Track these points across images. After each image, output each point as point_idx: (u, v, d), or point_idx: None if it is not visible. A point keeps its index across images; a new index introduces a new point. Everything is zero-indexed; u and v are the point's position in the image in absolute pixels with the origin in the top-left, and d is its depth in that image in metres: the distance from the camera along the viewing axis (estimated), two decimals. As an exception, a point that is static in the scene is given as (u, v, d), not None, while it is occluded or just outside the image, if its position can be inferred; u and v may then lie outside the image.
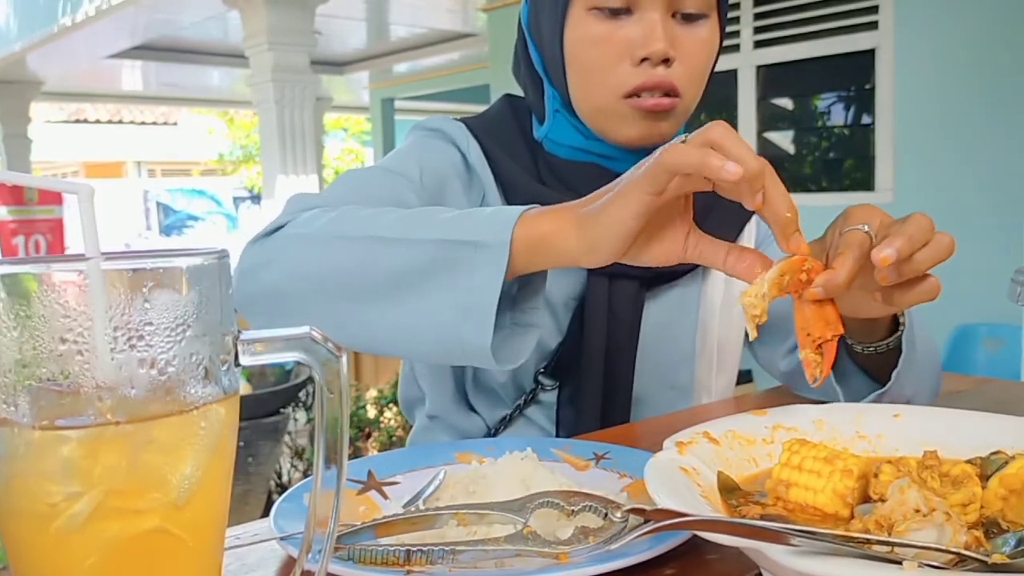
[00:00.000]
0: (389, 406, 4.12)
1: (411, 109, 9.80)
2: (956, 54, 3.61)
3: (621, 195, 0.63)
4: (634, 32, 0.87)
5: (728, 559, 0.56)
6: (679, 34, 0.88)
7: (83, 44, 6.93)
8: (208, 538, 0.40)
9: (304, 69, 5.33)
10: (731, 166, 0.58)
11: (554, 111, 0.97)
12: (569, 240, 0.66)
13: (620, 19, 0.88)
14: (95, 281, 0.35)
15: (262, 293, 0.78)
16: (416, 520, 0.57)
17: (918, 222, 0.65)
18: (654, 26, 0.86)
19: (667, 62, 0.87)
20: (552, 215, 0.68)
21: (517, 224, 0.67)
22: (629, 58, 0.88)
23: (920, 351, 0.84)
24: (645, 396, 1.00)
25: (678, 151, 0.60)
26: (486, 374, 0.99)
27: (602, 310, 0.95)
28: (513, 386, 0.99)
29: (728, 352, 1.04)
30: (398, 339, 0.73)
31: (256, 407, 3.24)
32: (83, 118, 15.38)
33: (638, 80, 0.87)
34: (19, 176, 0.40)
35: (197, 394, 0.37)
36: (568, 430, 0.97)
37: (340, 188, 0.89)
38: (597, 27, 0.88)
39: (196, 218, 15.53)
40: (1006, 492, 0.53)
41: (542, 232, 0.67)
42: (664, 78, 0.87)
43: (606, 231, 0.64)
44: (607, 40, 0.88)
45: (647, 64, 0.87)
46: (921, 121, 3.76)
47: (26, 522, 0.36)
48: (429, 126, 1.00)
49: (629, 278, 0.96)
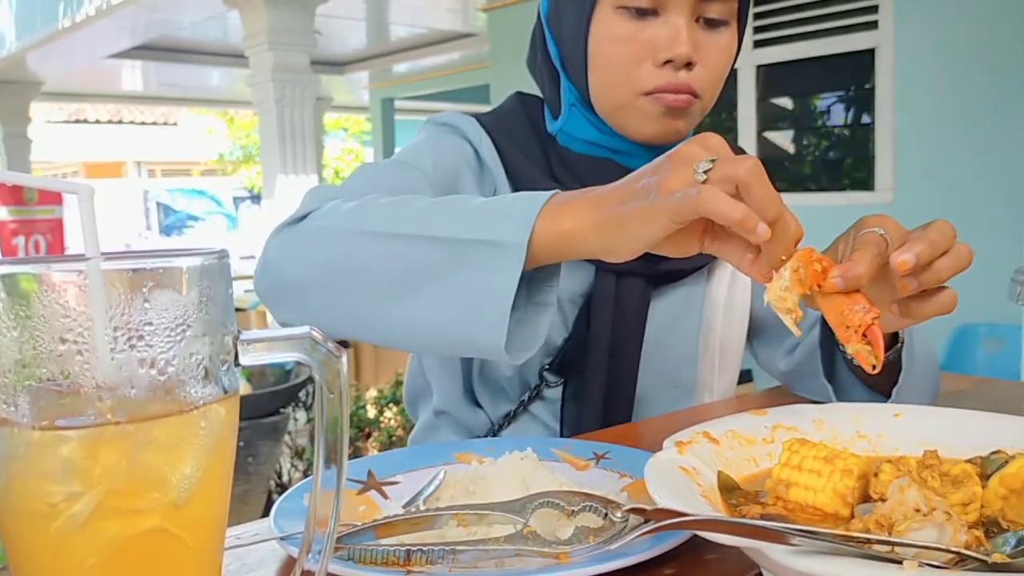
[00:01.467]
0: (389, 406, 4.12)
1: (411, 109, 9.80)
2: (956, 53, 3.61)
3: (645, 216, 0.63)
4: (659, 34, 0.88)
5: (728, 559, 0.56)
6: (701, 39, 0.89)
7: (83, 44, 6.94)
8: (208, 538, 0.40)
9: (304, 69, 5.34)
10: (761, 230, 0.59)
11: (570, 105, 0.98)
12: (588, 240, 0.66)
13: (646, 20, 0.89)
14: (95, 281, 0.35)
15: (285, 285, 0.80)
16: (416, 520, 0.57)
17: (941, 228, 0.65)
18: (679, 30, 0.87)
19: (689, 66, 0.89)
20: (574, 212, 0.67)
21: (538, 220, 0.67)
22: (652, 59, 0.89)
23: (919, 362, 0.84)
24: (648, 394, 1.01)
25: (717, 201, 0.59)
26: (493, 369, 0.99)
27: (609, 307, 0.96)
28: (519, 381, 1.00)
29: (730, 352, 1.05)
30: (415, 334, 0.74)
31: (256, 407, 3.24)
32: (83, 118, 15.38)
33: (659, 81, 0.89)
34: (19, 176, 0.40)
35: (197, 394, 0.37)
36: (572, 427, 0.97)
37: (358, 181, 0.90)
38: (623, 26, 0.89)
39: (196, 218, 15.52)
40: (1006, 492, 0.53)
41: (563, 230, 0.67)
42: (685, 81, 0.89)
43: (626, 242, 0.64)
44: (632, 39, 0.89)
45: (670, 66, 0.88)
46: (921, 121, 3.76)
47: (26, 522, 0.36)
48: (442, 121, 1.01)
49: (636, 276, 0.97)
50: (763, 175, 0.60)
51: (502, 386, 1.00)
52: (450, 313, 0.69)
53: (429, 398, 1.08)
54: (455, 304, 0.69)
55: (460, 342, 0.70)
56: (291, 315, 0.81)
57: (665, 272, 0.99)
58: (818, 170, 4.35)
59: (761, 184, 0.59)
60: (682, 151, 0.63)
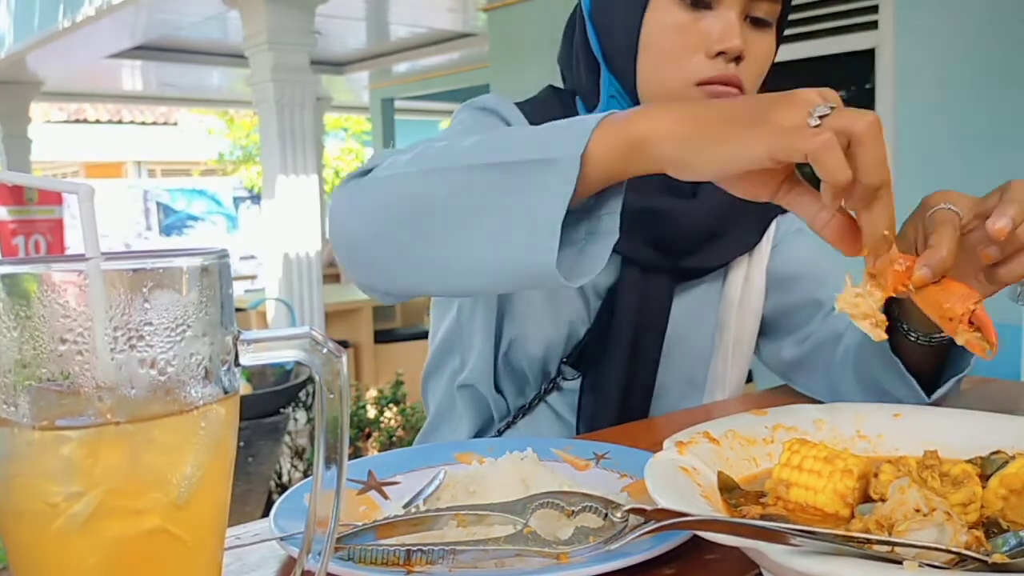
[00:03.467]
0: (389, 406, 4.13)
1: (411, 109, 9.79)
2: (956, 54, 3.61)
3: (744, 139, 0.59)
4: (713, 26, 0.89)
5: (728, 559, 0.56)
6: (748, 37, 0.91)
7: (83, 44, 6.93)
8: (208, 538, 0.40)
9: (304, 69, 5.33)
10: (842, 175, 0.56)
11: (609, 96, 0.98)
12: (667, 148, 0.63)
13: (700, 12, 0.90)
14: (95, 281, 0.35)
15: (356, 233, 0.79)
16: (416, 520, 0.57)
17: (1022, 189, 0.63)
18: (732, 24, 0.89)
19: (738, 60, 0.90)
20: (655, 118, 0.64)
21: (598, 130, 0.65)
22: (705, 50, 0.90)
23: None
24: (663, 390, 1.03)
25: (832, 156, 0.56)
26: (516, 354, 1.00)
27: (633, 301, 0.98)
28: (540, 370, 1.01)
29: (741, 349, 1.07)
30: (478, 269, 0.72)
31: (256, 407, 3.24)
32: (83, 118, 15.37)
33: (710, 73, 0.90)
34: (19, 176, 0.40)
35: (197, 394, 0.37)
36: (588, 419, 0.99)
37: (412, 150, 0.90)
38: (679, 15, 0.90)
39: (196, 218, 15.52)
40: (1006, 492, 0.53)
41: (634, 135, 0.64)
42: (734, 75, 0.90)
43: (709, 162, 0.61)
44: (687, 29, 0.90)
45: (721, 59, 0.90)
46: (921, 121, 3.76)
47: (26, 522, 0.36)
48: (481, 105, 1.01)
49: (662, 271, 0.99)
50: (881, 135, 0.57)
51: (524, 374, 1.02)
52: (507, 237, 0.68)
53: (448, 374, 1.08)
54: (511, 227, 0.67)
55: (518, 267, 0.68)
56: (362, 267, 0.80)
57: (688, 269, 1.01)
58: (818, 170, 4.35)
59: (877, 144, 0.56)
60: (799, 93, 0.60)
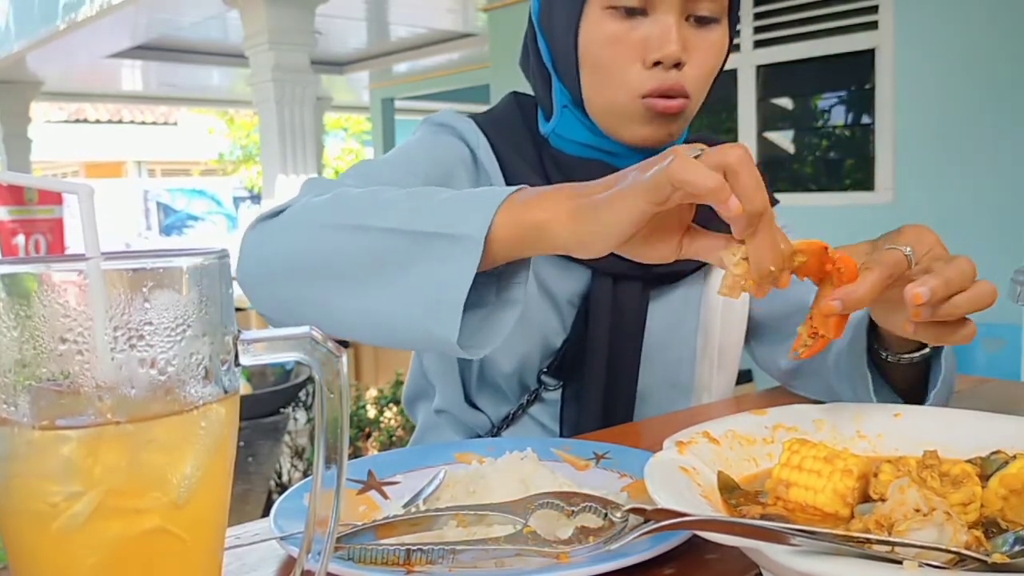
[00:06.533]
0: (389, 406, 4.12)
1: (411, 109, 9.80)
2: (956, 54, 3.61)
3: (622, 198, 0.61)
4: (649, 33, 0.88)
5: (728, 559, 0.56)
6: (691, 37, 0.89)
7: (83, 44, 6.93)
8: (208, 538, 0.40)
9: (304, 69, 5.34)
10: (733, 203, 0.57)
11: (562, 107, 0.97)
12: (561, 231, 0.64)
13: (635, 19, 0.88)
14: (95, 281, 0.35)
15: (259, 276, 0.80)
16: (416, 520, 0.57)
17: (960, 266, 0.64)
18: (669, 29, 0.87)
19: (678, 65, 0.88)
20: (545, 203, 0.66)
21: (501, 212, 0.66)
22: (642, 60, 0.88)
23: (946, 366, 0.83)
24: (647, 395, 1.01)
25: (690, 169, 0.57)
26: (491, 371, 0.99)
27: (606, 311, 0.95)
28: (518, 384, 0.99)
29: (729, 352, 1.05)
30: (376, 326, 0.73)
31: (256, 407, 3.24)
32: (83, 118, 15.37)
33: (651, 84, 0.88)
34: (19, 176, 0.40)
35: (197, 394, 0.37)
36: (571, 428, 0.97)
37: (351, 178, 0.90)
38: (612, 26, 0.88)
39: (196, 218, 15.51)
40: (1006, 492, 0.53)
41: (533, 220, 0.65)
42: (676, 82, 0.88)
43: (601, 230, 0.63)
44: (622, 40, 0.88)
45: (659, 68, 0.88)
46: (921, 121, 3.76)
47: (26, 522, 0.36)
48: (439, 121, 1.01)
49: (633, 279, 0.96)
50: (751, 163, 0.58)
51: (501, 388, 1.00)
52: (408, 305, 0.69)
53: (429, 398, 1.08)
54: (413, 296, 0.68)
55: (417, 335, 0.70)
56: (267, 308, 0.81)
57: (662, 274, 0.98)
58: (818, 170, 4.35)
59: (750, 170, 0.58)
60: (669, 150, 0.62)
